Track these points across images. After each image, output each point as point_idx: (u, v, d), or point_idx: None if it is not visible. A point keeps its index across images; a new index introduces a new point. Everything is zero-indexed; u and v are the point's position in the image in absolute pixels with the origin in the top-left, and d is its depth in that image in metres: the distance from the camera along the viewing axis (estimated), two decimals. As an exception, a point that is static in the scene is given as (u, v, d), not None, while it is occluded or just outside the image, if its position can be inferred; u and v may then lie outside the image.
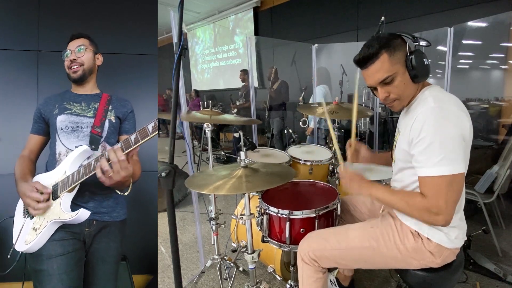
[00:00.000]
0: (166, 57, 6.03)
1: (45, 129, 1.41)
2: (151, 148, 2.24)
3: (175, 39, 1.29)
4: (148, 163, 2.23)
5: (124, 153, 1.11)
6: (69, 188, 1.22)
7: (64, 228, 1.24)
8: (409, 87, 1.11)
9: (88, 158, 1.31)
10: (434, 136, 0.99)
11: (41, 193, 1.23)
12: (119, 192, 1.23)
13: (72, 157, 1.26)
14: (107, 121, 1.38)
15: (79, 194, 1.28)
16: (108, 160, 1.12)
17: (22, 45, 2.07)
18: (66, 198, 1.22)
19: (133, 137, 1.11)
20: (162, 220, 2.49)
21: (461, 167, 0.98)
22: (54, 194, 1.24)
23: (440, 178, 0.97)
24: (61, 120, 1.34)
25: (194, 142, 5.49)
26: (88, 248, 1.33)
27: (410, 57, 1.06)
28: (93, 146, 1.30)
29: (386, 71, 1.08)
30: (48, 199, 1.23)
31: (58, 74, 1.57)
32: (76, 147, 1.31)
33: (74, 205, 1.25)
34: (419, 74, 1.07)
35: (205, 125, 1.93)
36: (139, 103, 2.23)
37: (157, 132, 1.06)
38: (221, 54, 7.88)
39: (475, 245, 2.15)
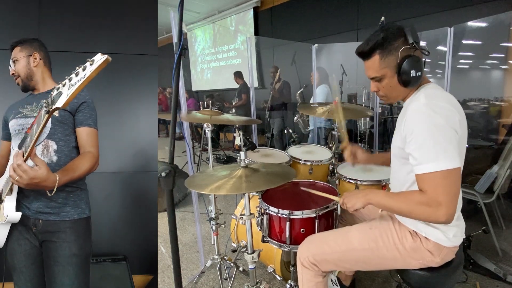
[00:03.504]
0: (166, 57, 6.01)
1: (10, 135, 1.44)
2: (151, 148, 2.24)
3: (175, 39, 1.29)
4: (148, 163, 2.23)
5: (24, 157, 1.09)
6: (6, 191, 1.22)
7: (18, 227, 1.29)
8: (396, 90, 1.13)
9: None
10: (427, 133, 0.99)
11: None
12: (48, 193, 1.18)
13: (11, 160, 1.24)
14: None
15: (24, 196, 1.28)
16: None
17: (22, 45, 2.07)
18: (8, 201, 1.23)
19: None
20: (162, 220, 2.49)
21: (457, 162, 0.97)
22: (1, 198, 1.26)
23: (438, 173, 0.97)
24: (12, 125, 1.39)
25: (194, 142, 5.49)
26: (41, 247, 1.33)
27: (401, 64, 1.06)
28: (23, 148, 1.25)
29: (375, 72, 1.12)
30: None
31: (58, 74, 1.58)
32: None
33: (23, 207, 1.28)
34: (406, 82, 1.08)
35: (205, 125, 1.93)
36: (139, 103, 2.24)
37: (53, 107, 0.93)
38: (221, 54, 7.87)
39: (475, 245, 2.15)
